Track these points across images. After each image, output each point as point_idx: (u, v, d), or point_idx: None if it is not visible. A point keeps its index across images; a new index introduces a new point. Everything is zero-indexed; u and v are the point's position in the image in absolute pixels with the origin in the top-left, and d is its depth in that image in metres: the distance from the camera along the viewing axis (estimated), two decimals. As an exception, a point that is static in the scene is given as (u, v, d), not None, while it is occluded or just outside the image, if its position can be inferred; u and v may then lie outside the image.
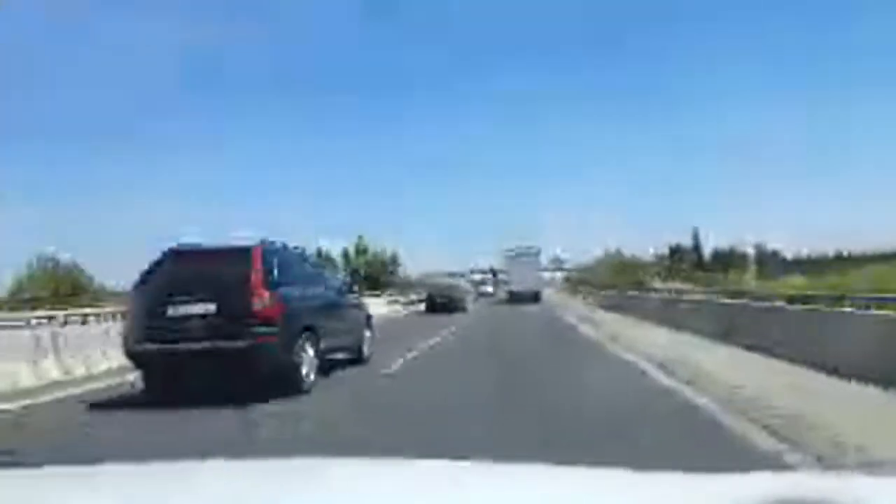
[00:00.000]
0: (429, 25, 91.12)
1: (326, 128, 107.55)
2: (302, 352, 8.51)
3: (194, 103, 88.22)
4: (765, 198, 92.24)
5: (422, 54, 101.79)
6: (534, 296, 41.51)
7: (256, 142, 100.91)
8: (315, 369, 8.80)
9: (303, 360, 8.48)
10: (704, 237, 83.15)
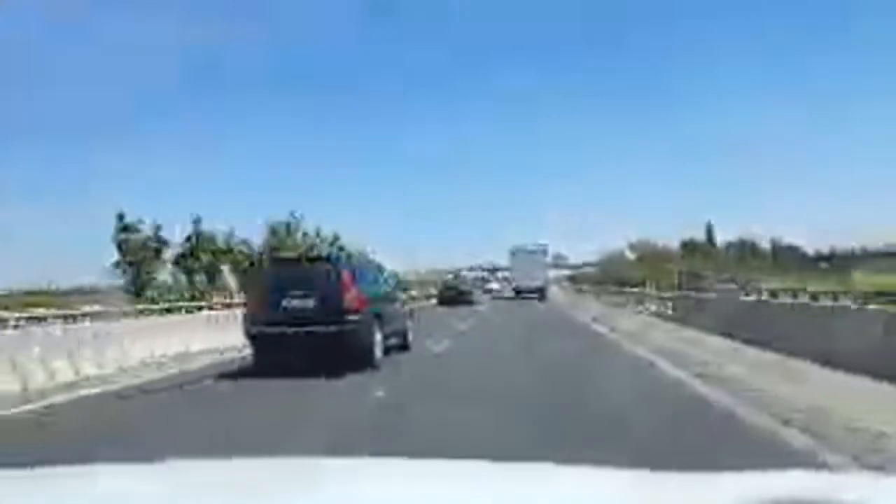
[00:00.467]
0: (429, 25, 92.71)
1: (326, 128, 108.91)
2: (374, 336, 11.05)
3: (194, 103, 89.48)
4: (766, 195, 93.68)
5: (422, 54, 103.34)
6: (539, 293, 41.40)
7: (256, 141, 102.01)
8: (381, 350, 11.31)
9: (375, 342, 11.02)
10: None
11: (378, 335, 11.21)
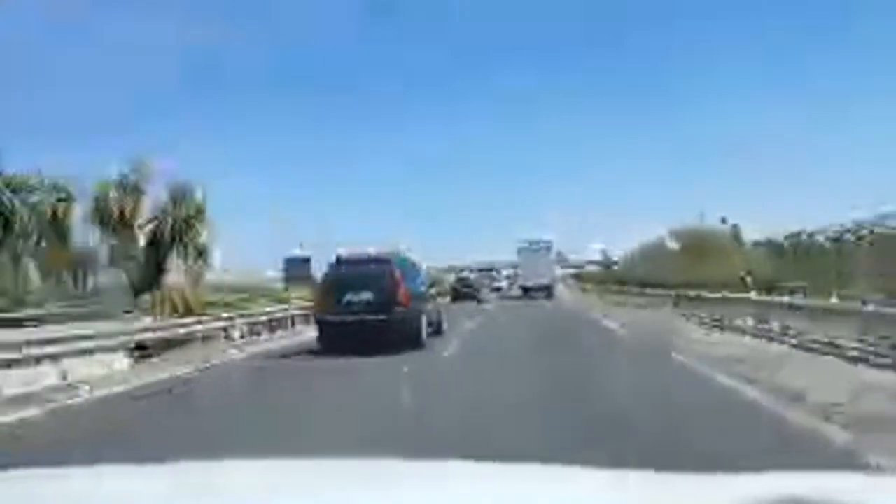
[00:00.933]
0: (429, 25, 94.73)
1: (326, 128, 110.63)
2: (420, 321, 14.04)
3: (194, 103, 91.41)
4: (765, 195, 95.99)
5: (422, 54, 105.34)
6: (547, 291, 41.23)
7: (256, 141, 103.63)
8: (426, 333, 14.26)
9: (421, 327, 14.04)
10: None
11: (423, 321, 14.38)
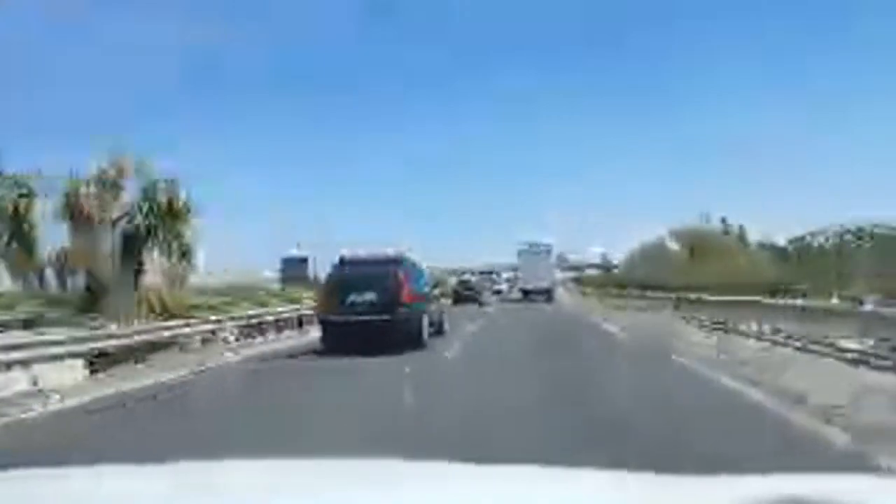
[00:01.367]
0: (429, 25, 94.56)
1: (326, 128, 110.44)
2: (422, 322, 14.21)
3: (194, 103, 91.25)
4: (765, 195, 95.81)
5: (422, 54, 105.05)
6: (547, 294, 41.00)
7: (256, 141, 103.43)
8: (427, 333, 14.44)
9: (423, 327, 14.23)
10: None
11: (425, 321, 14.58)
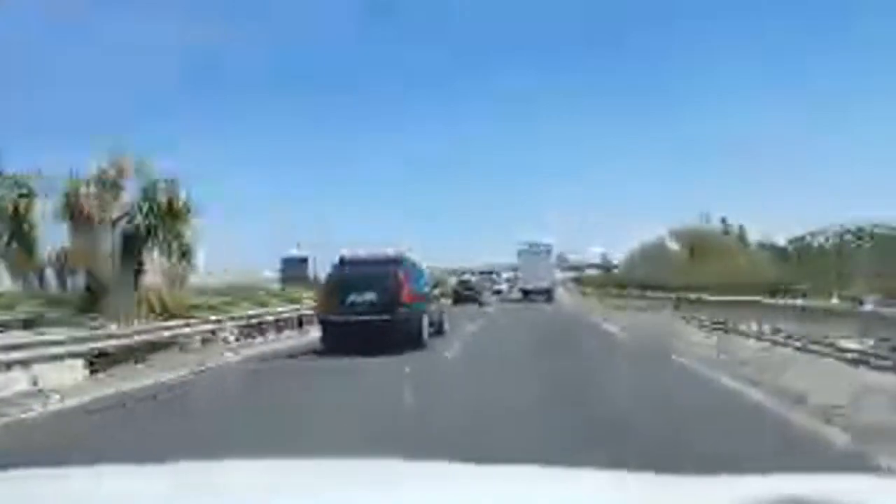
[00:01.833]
0: (429, 25, 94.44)
1: (326, 127, 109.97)
2: (422, 322, 14.19)
3: (194, 103, 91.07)
4: (765, 195, 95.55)
5: (422, 54, 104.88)
6: (547, 294, 40.99)
7: (256, 141, 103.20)
8: (427, 333, 14.42)
9: (423, 327, 14.21)
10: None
11: (425, 321, 14.55)
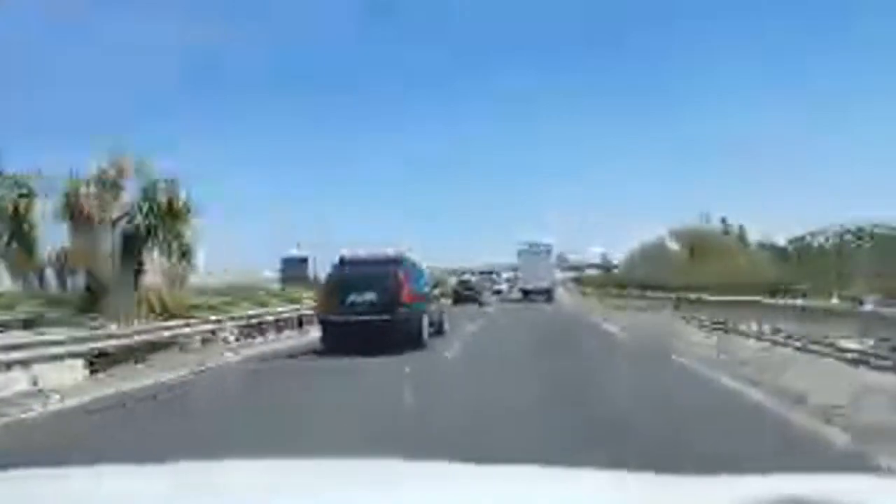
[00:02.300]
0: (429, 25, 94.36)
1: (326, 127, 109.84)
2: (422, 322, 14.20)
3: (194, 103, 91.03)
4: (765, 195, 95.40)
5: (422, 54, 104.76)
6: (547, 294, 41.01)
7: (256, 141, 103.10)
8: (427, 333, 14.43)
9: (423, 327, 14.23)
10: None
11: (425, 321, 14.55)
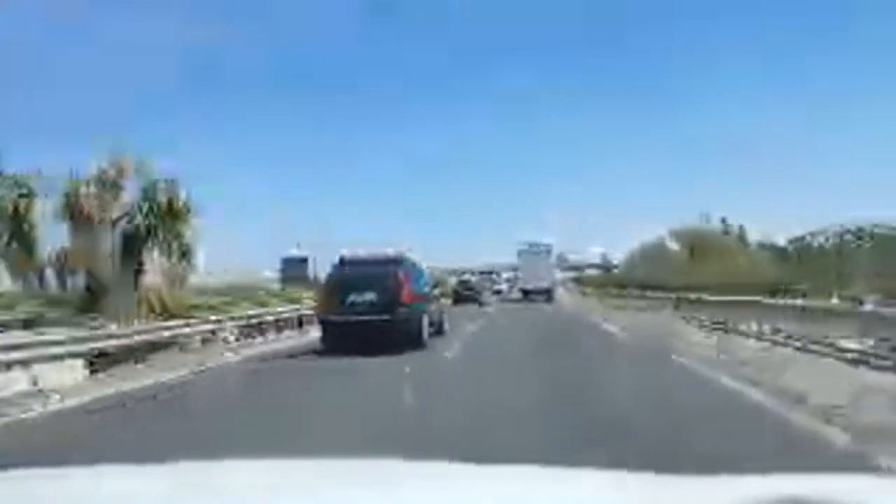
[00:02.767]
0: (429, 25, 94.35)
1: (326, 127, 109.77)
2: (422, 322, 14.23)
3: (194, 103, 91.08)
4: (765, 195, 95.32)
5: (422, 54, 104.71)
6: (547, 294, 41.03)
7: (256, 141, 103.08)
8: (427, 333, 14.45)
9: (423, 327, 14.26)
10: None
11: (425, 321, 14.57)
